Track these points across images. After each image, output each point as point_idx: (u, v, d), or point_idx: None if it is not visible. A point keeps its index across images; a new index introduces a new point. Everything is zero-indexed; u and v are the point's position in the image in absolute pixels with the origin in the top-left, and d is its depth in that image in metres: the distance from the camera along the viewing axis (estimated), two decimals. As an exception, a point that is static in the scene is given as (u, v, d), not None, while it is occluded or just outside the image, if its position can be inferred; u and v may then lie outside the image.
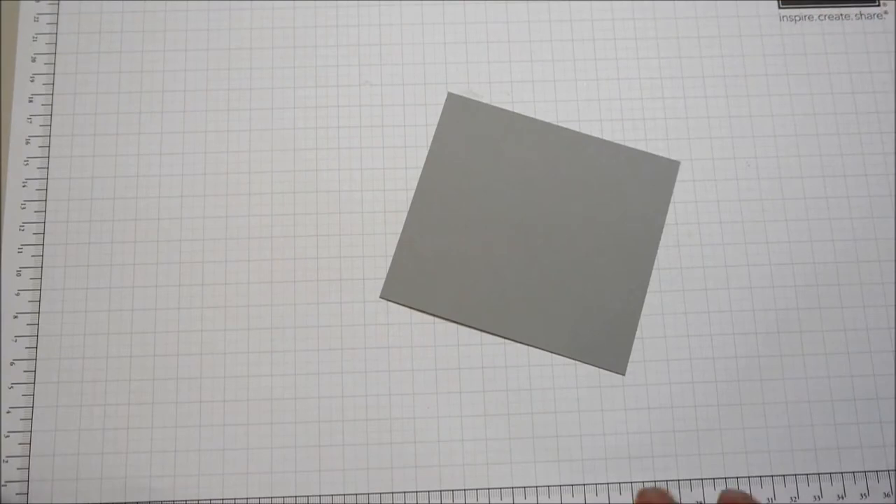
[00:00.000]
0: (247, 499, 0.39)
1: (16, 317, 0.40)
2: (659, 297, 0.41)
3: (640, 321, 0.40)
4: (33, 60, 0.43)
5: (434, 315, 0.40)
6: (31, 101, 0.42)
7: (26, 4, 0.44)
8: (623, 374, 0.40)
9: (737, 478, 0.39)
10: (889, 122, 0.43)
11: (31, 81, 0.43)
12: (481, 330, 0.40)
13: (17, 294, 0.40)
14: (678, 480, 0.39)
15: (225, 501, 0.39)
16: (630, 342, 0.40)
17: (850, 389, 0.40)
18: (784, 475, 0.39)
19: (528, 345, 0.40)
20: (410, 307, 0.40)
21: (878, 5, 0.44)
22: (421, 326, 0.40)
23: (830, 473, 0.39)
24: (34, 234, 0.41)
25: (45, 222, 0.41)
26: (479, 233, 0.41)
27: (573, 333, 0.40)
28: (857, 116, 0.43)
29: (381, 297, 0.41)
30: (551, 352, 0.40)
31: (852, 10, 0.44)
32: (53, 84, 0.43)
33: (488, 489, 0.39)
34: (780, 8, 0.44)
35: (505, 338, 0.40)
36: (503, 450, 0.39)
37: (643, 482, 0.39)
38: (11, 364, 0.40)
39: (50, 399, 0.39)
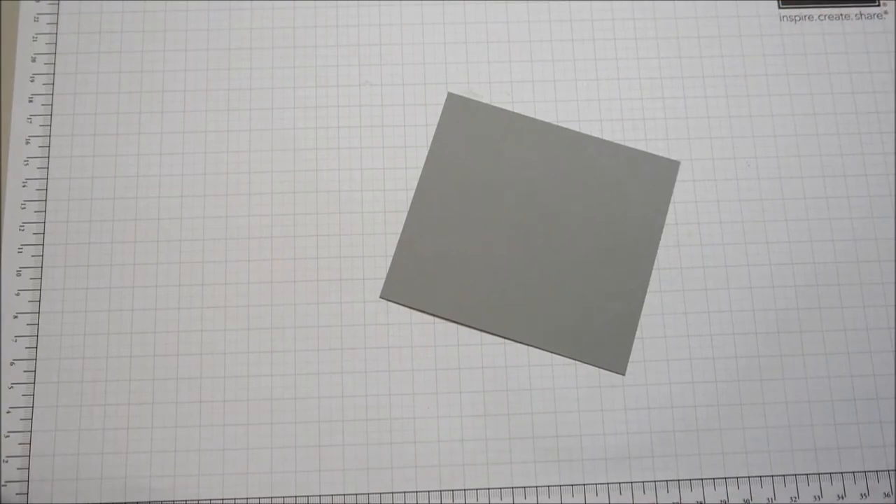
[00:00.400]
0: (247, 499, 0.39)
1: (16, 317, 0.40)
2: (659, 297, 0.41)
3: (640, 321, 0.40)
4: (33, 60, 0.43)
5: (434, 315, 0.40)
6: (31, 101, 0.42)
7: (26, 4, 0.44)
8: (623, 374, 0.40)
9: (737, 478, 0.39)
10: (889, 122, 0.43)
11: (31, 81, 0.43)
12: (481, 330, 0.40)
13: (17, 294, 0.40)
14: (678, 480, 0.39)
15: (225, 501, 0.39)
16: (630, 342, 0.40)
17: (850, 389, 0.40)
18: (784, 475, 0.39)
19: (528, 345, 0.40)
20: (410, 307, 0.40)
21: (878, 5, 0.44)
22: (421, 326, 0.40)
23: (830, 473, 0.39)
24: (34, 234, 0.41)
25: (45, 222, 0.41)
26: (479, 233, 0.41)
27: (573, 333, 0.40)
28: (857, 116, 0.43)
29: (381, 297, 0.41)
30: (551, 352, 0.40)
31: (852, 10, 0.44)
32: (53, 84, 0.43)
33: (488, 489, 0.39)
34: (780, 8, 0.44)
35: (505, 338, 0.40)
36: (503, 450, 0.39)
37: (643, 482, 0.39)
38: (11, 364, 0.40)
39: (50, 399, 0.39)
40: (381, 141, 0.42)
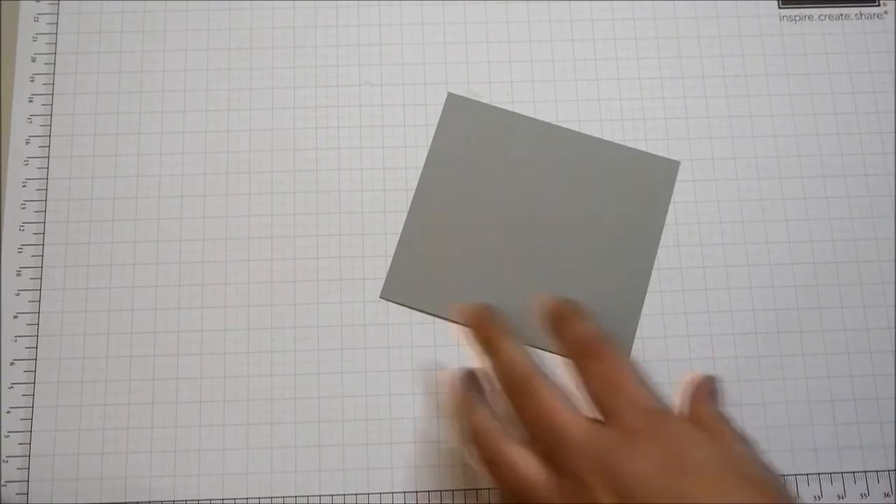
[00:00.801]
0: (247, 499, 0.39)
1: (16, 317, 0.40)
2: (659, 297, 0.41)
3: (640, 321, 0.40)
4: (33, 60, 0.43)
5: (434, 315, 0.40)
6: (31, 101, 0.42)
7: (26, 4, 0.44)
8: (623, 374, 0.40)
9: (737, 478, 0.39)
10: (889, 122, 0.43)
11: (31, 81, 0.43)
12: (481, 330, 0.40)
13: (17, 294, 0.40)
14: (678, 480, 0.39)
15: (225, 501, 0.39)
16: (630, 342, 0.40)
17: (850, 389, 0.40)
18: (784, 475, 0.39)
19: (528, 345, 0.40)
20: (410, 307, 0.40)
21: (878, 5, 0.44)
22: (421, 326, 0.40)
23: (830, 473, 0.39)
24: (34, 234, 0.41)
25: (45, 222, 0.41)
26: (479, 233, 0.41)
27: (573, 333, 0.40)
28: (857, 116, 0.43)
29: (381, 297, 0.41)
30: (551, 352, 0.40)
31: (852, 10, 0.44)
32: (53, 84, 0.43)
33: (489, 489, 0.39)
34: (780, 8, 0.44)
35: (505, 338, 0.40)
36: (503, 450, 0.39)
37: (643, 482, 0.39)
38: (11, 364, 0.40)
39: (50, 399, 0.39)
40: (381, 141, 0.42)
